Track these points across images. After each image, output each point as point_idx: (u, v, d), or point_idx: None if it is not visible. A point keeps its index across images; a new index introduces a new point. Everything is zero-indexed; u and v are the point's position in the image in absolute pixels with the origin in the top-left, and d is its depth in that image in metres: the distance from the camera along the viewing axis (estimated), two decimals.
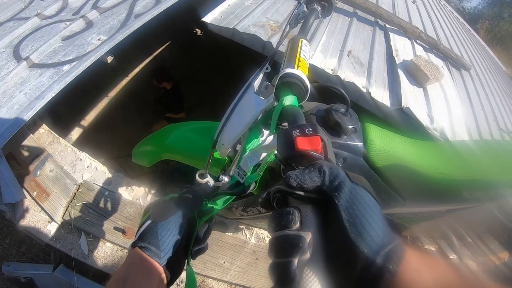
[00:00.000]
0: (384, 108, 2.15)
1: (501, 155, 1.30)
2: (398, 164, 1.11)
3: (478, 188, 1.16)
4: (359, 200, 0.41)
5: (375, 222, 0.40)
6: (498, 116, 3.55)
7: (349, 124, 1.03)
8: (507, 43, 15.63)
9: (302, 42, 0.97)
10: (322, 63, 2.22)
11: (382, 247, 0.38)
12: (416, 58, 2.61)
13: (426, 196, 1.20)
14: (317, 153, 0.54)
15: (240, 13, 2.51)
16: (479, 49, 6.19)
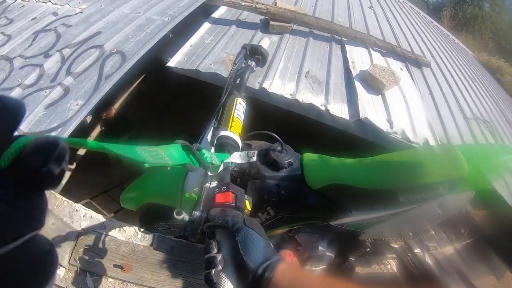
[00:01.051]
0: (344, 122, 2.30)
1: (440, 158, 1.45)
2: (334, 184, 1.28)
3: (411, 192, 1.33)
4: (248, 237, 0.69)
5: (257, 249, 0.67)
6: (463, 105, 3.72)
7: (285, 160, 1.23)
8: (472, 26, 16.06)
9: (236, 101, 1.21)
10: (281, 89, 2.38)
11: (261, 263, 0.65)
12: (372, 68, 2.78)
13: (368, 205, 1.37)
14: (229, 203, 0.84)
15: (201, 52, 2.67)
16: (443, 40, 6.42)
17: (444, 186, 1.33)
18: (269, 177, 1.23)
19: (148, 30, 2.81)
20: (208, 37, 2.90)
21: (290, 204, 1.32)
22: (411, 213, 1.39)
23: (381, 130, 2.29)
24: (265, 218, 1.33)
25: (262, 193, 1.24)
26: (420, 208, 1.38)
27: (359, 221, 1.43)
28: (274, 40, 3.04)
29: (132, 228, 2.27)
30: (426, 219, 1.48)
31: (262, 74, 2.50)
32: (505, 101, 6.27)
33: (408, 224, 1.50)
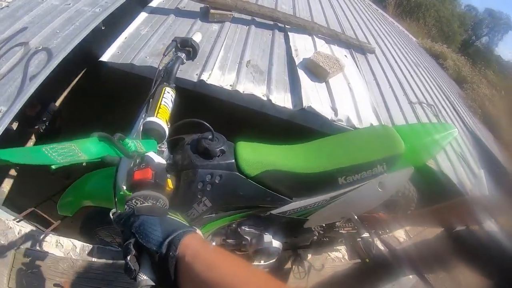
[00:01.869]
0: (287, 111, 2.21)
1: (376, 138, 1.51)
2: (269, 170, 1.27)
3: (349, 172, 1.35)
4: (143, 224, 0.65)
5: (154, 230, 0.63)
6: (407, 89, 3.77)
7: (216, 147, 1.20)
8: (416, 13, 16.67)
9: (165, 90, 1.21)
10: (220, 80, 2.24)
11: (163, 242, 0.60)
12: (315, 55, 2.71)
13: (307, 190, 1.37)
14: (148, 179, 0.83)
15: (137, 44, 2.47)
16: (387, 27, 6.54)
17: (382, 164, 1.38)
18: (201, 166, 1.19)
19: (77, 23, 2.56)
20: (144, 28, 2.69)
21: (226, 193, 1.26)
22: (353, 194, 1.42)
23: (325, 118, 2.23)
24: (201, 210, 1.25)
25: (196, 183, 1.20)
26: (361, 188, 1.42)
27: (301, 208, 1.41)
28: (214, 29, 2.89)
29: (70, 242, 2.09)
30: (369, 199, 1.50)
31: (200, 65, 2.35)
32: (448, 85, 6.50)
33: (352, 206, 1.50)
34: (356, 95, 2.67)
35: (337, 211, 1.50)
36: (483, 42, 24.63)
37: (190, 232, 0.64)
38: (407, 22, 13.35)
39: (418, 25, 14.75)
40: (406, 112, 3.17)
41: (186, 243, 0.60)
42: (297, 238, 1.68)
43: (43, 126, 3.32)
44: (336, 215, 1.56)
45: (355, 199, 1.45)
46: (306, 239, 1.73)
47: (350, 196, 1.42)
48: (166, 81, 1.30)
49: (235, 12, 3.09)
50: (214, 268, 0.55)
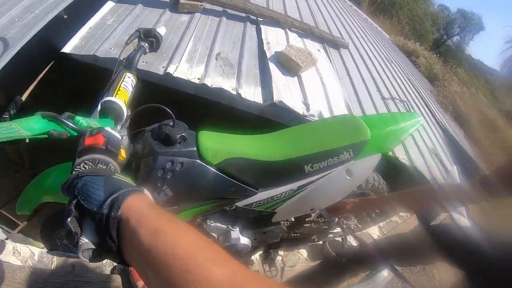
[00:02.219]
0: (257, 106, 2.13)
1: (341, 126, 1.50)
2: (232, 158, 1.23)
3: (315, 160, 1.32)
4: (85, 184, 0.58)
5: (96, 190, 0.56)
6: (380, 85, 3.76)
7: (177, 134, 1.15)
8: (390, 11, 16.95)
9: (126, 75, 1.19)
10: (188, 73, 2.14)
11: (103, 202, 0.53)
12: (287, 48, 2.64)
13: (272, 179, 1.33)
14: (99, 145, 0.77)
15: (101, 35, 2.32)
16: (361, 23, 6.56)
17: (348, 151, 1.37)
18: (161, 153, 1.14)
19: (37, 11, 2.38)
20: (111, 17, 2.54)
21: (188, 182, 1.21)
22: (321, 182, 1.39)
23: (297, 113, 2.16)
24: (162, 200, 1.19)
25: (155, 170, 1.14)
26: (329, 176, 1.39)
27: (267, 199, 1.37)
28: (183, 20, 2.78)
29: (28, 249, 1.95)
30: (338, 188, 1.48)
31: (167, 58, 2.24)
32: (420, 82, 6.60)
33: (320, 195, 1.47)
34: (329, 90, 2.62)
35: (305, 202, 1.47)
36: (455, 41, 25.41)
37: (137, 192, 0.57)
38: (380, 20, 13.54)
39: (391, 23, 15.00)
40: (379, 107, 3.15)
41: (131, 204, 0.53)
42: (266, 234, 1.61)
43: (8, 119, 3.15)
44: (304, 206, 1.51)
45: (324, 188, 1.42)
46: (276, 235, 1.67)
47: (318, 185, 1.40)
48: (128, 69, 1.26)
49: (206, 2, 2.98)
50: (159, 235, 0.48)
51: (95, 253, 0.54)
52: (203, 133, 1.27)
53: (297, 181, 1.36)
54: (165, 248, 0.46)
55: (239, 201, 1.34)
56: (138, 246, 0.48)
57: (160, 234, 0.48)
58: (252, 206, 1.38)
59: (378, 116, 2.09)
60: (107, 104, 1.05)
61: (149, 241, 0.47)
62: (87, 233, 0.55)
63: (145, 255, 0.47)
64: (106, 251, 0.54)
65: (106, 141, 0.80)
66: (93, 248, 0.54)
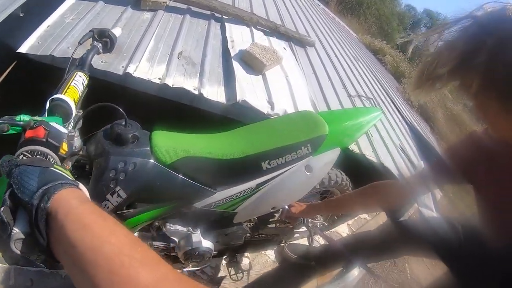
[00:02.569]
0: (220, 106, 2.09)
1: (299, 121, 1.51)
2: (187, 156, 1.22)
3: (272, 156, 1.32)
4: (20, 173, 0.56)
5: (31, 180, 0.54)
6: (346, 83, 3.79)
7: (129, 133, 1.14)
8: (357, 10, 17.25)
9: (77, 74, 1.18)
10: (149, 73, 2.06)
11: (35, 193, 0.51)
12: (251, 47, 2.61)
13: (229, 177, 1.32)
14: (39, 138, 0.78)
15: (60, 33, 2.20)
16: (328, 22, 6.62)
17: (306, 146, 1.37)
18: (113, 153, 1.12)
19: None
20: (70, 15, 2.42)
21: (142, 182, 1.17)
22: (280, 180, 1.38)
23: (261, 112, 2.14)
24: (116, 201, 1.15)
25: (108, 171, 1.11)
26: (288, 173, 1.38)
27: (226, 199, 1.35)
28: (146, 17, 2.69)
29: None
30: (298, 184, 1.46)
31: (127, 57, 2.15)
32: (386, 79, 6.72)
33: (281, 193, 1.45)
34: (294, 88, 2.61)
35: (266, 201, 1.45)
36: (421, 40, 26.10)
37: (71, 185, 0.55)
38: (348, 19, 13.75)
39: (359, 22, 15.26)
40: (345, 105, 3.18)
41: (62, 197, 0.51)
42: (229, 235, 1.58)
43: None
44: (265, 205, 1.49)
45: (283, 185, 1.41)
46: (239, 237, 1.64)
47: (277, 182, 1.38)
48: (80, 69, 1.25)
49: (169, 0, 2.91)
50: (86, 230, 0.45)
51: (27, 244, 0.52)
52: (157, 132, 1.25)
53: (255, 179, 1.34)
54: (92, 245, 0.43)
55: (197, 202, 1.31)
56: (65, 241, 0.46)
57: (87, 230, 0.45)
58: (211, 207, 1.36)
59: (337, 112, 2.14)
60: (55, 102, 1.03)
61: (76, 236, 0.45)
62: (20, 223, 0.52)
63: (71, 250, 0.44)
64: (38, 245, 0.51)
65: (47, 134, 0.80)
66: (24, 239, 0.51)
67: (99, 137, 1.17)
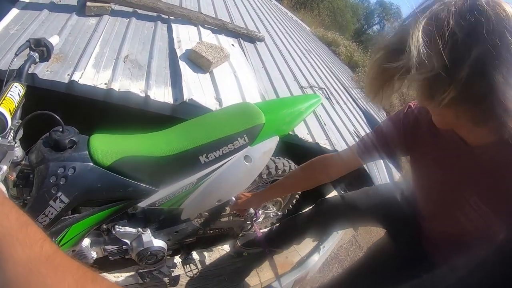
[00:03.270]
0: (168, 107, 2.12)
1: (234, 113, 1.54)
2: (124, 157, 1.24)
3: (209, 149, 1.35)
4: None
5: None
6: (298, 75, 3.90)
7: (66, 139, 1.17)
8: (310, 4, 17.54)
9: (13, 85, 1.18)
10: (94, 79, 2.06)
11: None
12: (197, 45, 2.65)
13: (169, 174, 1.34)
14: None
15: (4, 45, 2.13)
16: (280, 17, 6.73)
17: (242, 137, 1.40)
18: (52, 159, 1.14)
19: None
20: (14, 26, 2.36)
21: (82, 186, 1.19)
22: (220, 172, 1.42)
23: (209, 110, 2.18)
24: (59, 207, 1.16)
25: (48, 177, 1.13)
26: (227, 165, 1.42)
27: (169, 196, 1.38)
28: (91, 23, 2.67)
29: None
30: (239, 175, 1.49)
31: (72, 65, 2.13)
32: (339, 69, 6.91)
33: (224, 185, 1.48)
34: (243, 83, 2.67)
35: (209, 194, 1.48)
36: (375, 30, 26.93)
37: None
38: (301, 13, 13.96)
39: (312, 16, 15.50)
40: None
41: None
42: (179, 233, 1.61)
43: None
44: (209, 199, 1.53)
45: (224, 177, 1.44)
46: (190, 233, 1.67)
47: (218, 175, 1.42)
48: (18, 79, 1.25)
49: (114, 4, 2.89)
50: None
51: None
52: (95, 136, 1.27)
53: (195, 173, 1.37)
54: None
55: (141, 201, 1.33)
56: None
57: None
58: (155, 205, 1.38)
59: (274, 101, 2.16)
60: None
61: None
62: None
63: None
64: None
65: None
66: None
67: (38, 145, 1.19)
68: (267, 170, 1.93)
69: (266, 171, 1.93)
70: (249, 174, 1.54)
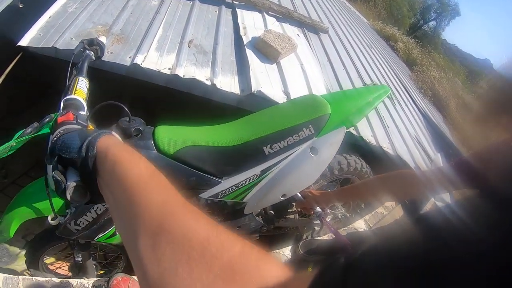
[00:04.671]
0: (234, 97, 1.97)
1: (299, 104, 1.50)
2: (189, 146, 1.25)
3: (274, 140, 1.32)
4: (63, 141, 0.68)
5: (73, 141, 0.66)
6: (361, 71, 3.65)
7: (132, 128, 1.21)
8: None
9: (79, 79, 1.21)
10: (158, 63, 1.95)
11: (81, 147, 0.63)
12: (265, 34, 2.48)
13: (232, 165, 1.33)
14: (70, 120, 0.87)
15: (62, 24, 2.08)
16: (339, 7, 6.41)
17: (308, 127, 1.36)
18: None
19: None
20: (73, 4, 2.29)
21: None
22: (285, 164, 1.39)
23: (276, 103, 2.02)
24: None
25: None
26: (292, 157, 1.39)
27: (232, 188, 1.36)
28: (153, 4, 2.57)
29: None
30: (304, 168, 1.44)
31: (135, 47, 2.04)
32: (399, 67, 6.53)
33: (289, 178, 1.44)
34: (310, 77, 2.48)
35: (274, 188, 1.44)
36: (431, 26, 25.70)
37: (105, 133, 0.66)
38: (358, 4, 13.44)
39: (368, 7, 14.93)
40: None
41: (101, 143, 0.62)
42: (241, 227, 1.55)
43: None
44: (274, 192, 1.47)
45: (290, 170, 1.40)
46: (253, 229, 1.59)
47: (283, 167, 1.39)
48: (78, 75, 1.28)
49: None
50: (118, 165, 0.56)
51: (79, 190, 0.64)
52: (160, 126, 1.31)
53: (258, 164, 1.35)
54: (122, 174, 0.54)
55: (204, 191, 1.33)
56: (105, 176, 0.57)
57: (118, 164, 0.56)
58: (218, 197, 1.37)
59: (341, 92, 2.10)
60: (68, 102, 1.10)
61: (111, 170, 0.56)
62: (70, 178, 0.64)
63: (108, 183, 0.56)
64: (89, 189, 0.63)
65: (75, 117, 0.91)
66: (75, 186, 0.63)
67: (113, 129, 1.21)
68: (338, 166, 1.84)
69: (338, 166, 1.84)
70: (316, 166, 1.49)
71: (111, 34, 2.08)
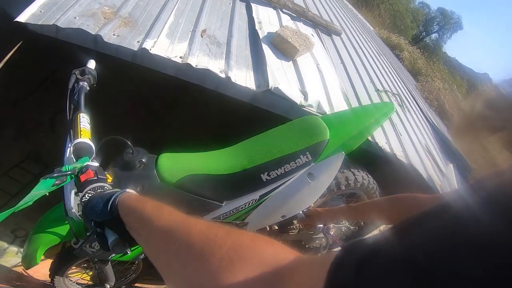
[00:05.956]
0: (249, 92, 1.83)
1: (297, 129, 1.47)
2: (190, 175, 1.31)
3: (271, 167, 1.34)
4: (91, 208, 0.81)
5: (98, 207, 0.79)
6: (373, 77, 3.53)
7: (135, 160, 1.28)
8: (371, 4, 16.88)
9: (80, 116, 1.26)
10: (168, 50, 1.80)
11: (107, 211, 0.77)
12: (282, 29, 2.34)
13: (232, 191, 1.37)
14: (91, 177, 1.00)
15: (65, 2, 1.94)
16: (348, 13, 6.32)
17: (305, 155, 1.37)
18: (121, 177, 1.25)
19: None
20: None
21: None
22: (282, 189, 1.42)
23: (294, 103, 1.89)
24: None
25: None
26: (290, 182, 1.41)
27: (232, 210, 1.41)
28: None
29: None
30: (302, 193, 1.47)
31: (144, 31, 1.89)
32: (405, 76, 6.44)
33: (287, 202, 1.48)
34: (326, 78, 2.35)
35: (273, 210, 1.48)
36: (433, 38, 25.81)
37: (122, 193, 0.79)
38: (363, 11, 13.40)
39: (373, 15, 14.90)
40: (374, 100, 2.92)
41: (121, 202, 0.76)
42: None
43: None
44: (274, 214, 1.53)
45: (287, 195, 1.44)
46: None
47: (280, 192, 1.42)
48: (78, 110, 1.34)
49: None
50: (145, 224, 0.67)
51: (119, 244, 0.77)
52: (162, 155, 1.36)
53: (257, 190, 1.38)
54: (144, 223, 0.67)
55: (206, 214, 1.38)
56: (132, 229, 0.71)
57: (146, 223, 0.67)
58: (220, 219, 1.41)
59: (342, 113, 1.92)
60: (77, 146, 1.17)
61: (137, 223, 0.70)
62: (109, 236, 0.78)
63: (136, 232, 0.70)
64: (126, 240, 0.76)
65: (95, 173, 1.01)
66: (116, 240, 0.76)
67: (112, 166, 1.31)
68: (346, 181, 1.84)
69: (345, 182, 1.84)
70: (313, 191, 1.52)
71: (118, 16, 1.93)
